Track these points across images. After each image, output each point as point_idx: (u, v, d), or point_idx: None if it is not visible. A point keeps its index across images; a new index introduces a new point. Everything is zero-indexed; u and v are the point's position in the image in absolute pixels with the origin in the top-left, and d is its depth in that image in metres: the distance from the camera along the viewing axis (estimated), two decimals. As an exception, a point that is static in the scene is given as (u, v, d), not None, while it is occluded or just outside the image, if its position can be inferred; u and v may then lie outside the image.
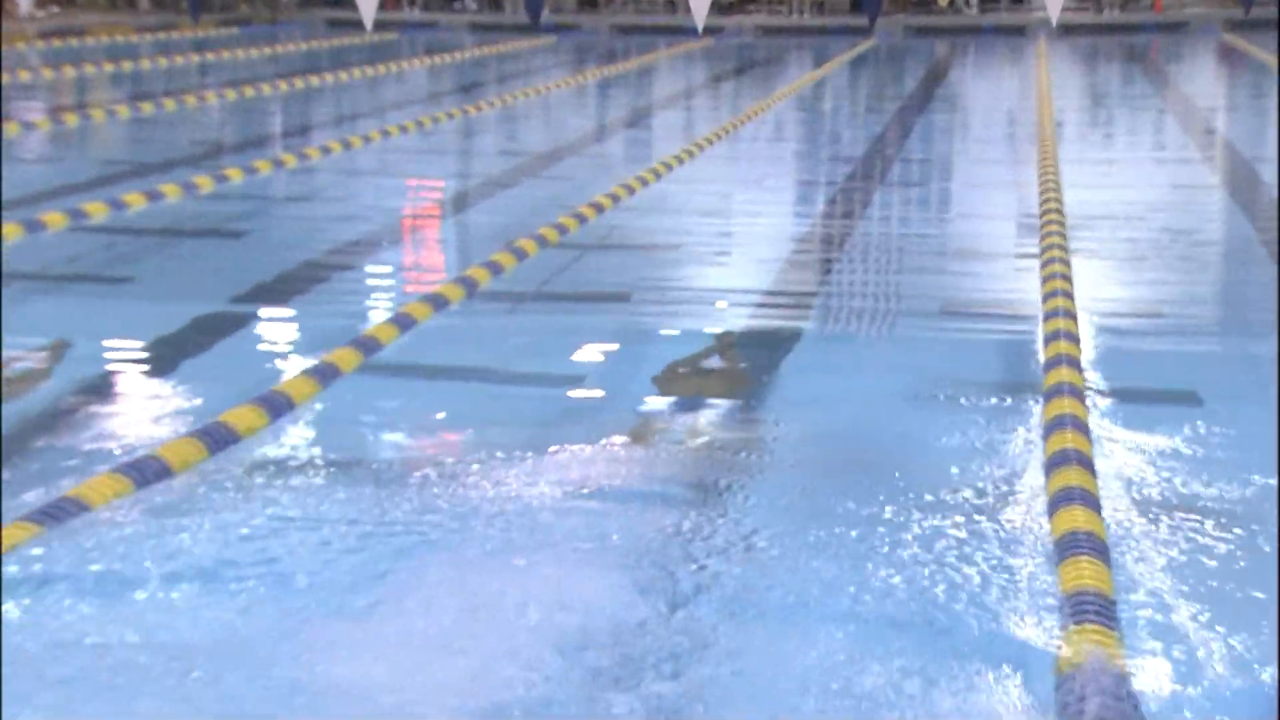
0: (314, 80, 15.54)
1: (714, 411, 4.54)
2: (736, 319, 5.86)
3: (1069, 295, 6.00)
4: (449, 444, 4.12)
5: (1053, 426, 4.19)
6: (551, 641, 2.86)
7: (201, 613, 3.02)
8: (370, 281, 6.71)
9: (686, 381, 4.84)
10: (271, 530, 3.47)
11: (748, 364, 5.10)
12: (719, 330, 5.61)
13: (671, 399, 4.66)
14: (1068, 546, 3.35)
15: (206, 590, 3.13)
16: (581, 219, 8.02)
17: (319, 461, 3.97)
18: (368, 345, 5.19)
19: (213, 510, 3.57)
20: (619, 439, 4.22)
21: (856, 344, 5.54)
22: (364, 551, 3.38)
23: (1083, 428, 4.17)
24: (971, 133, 13.10)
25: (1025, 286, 6.41)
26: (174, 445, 3.96)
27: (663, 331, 5.64)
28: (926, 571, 3.28)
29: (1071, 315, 5.64)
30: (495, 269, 6.63)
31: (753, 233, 8.17)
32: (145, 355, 5.13)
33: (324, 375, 4.76)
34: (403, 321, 5.58)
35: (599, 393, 4.75)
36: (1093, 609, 2.95)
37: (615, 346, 5.46)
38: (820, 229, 8.42)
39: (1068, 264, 6.67)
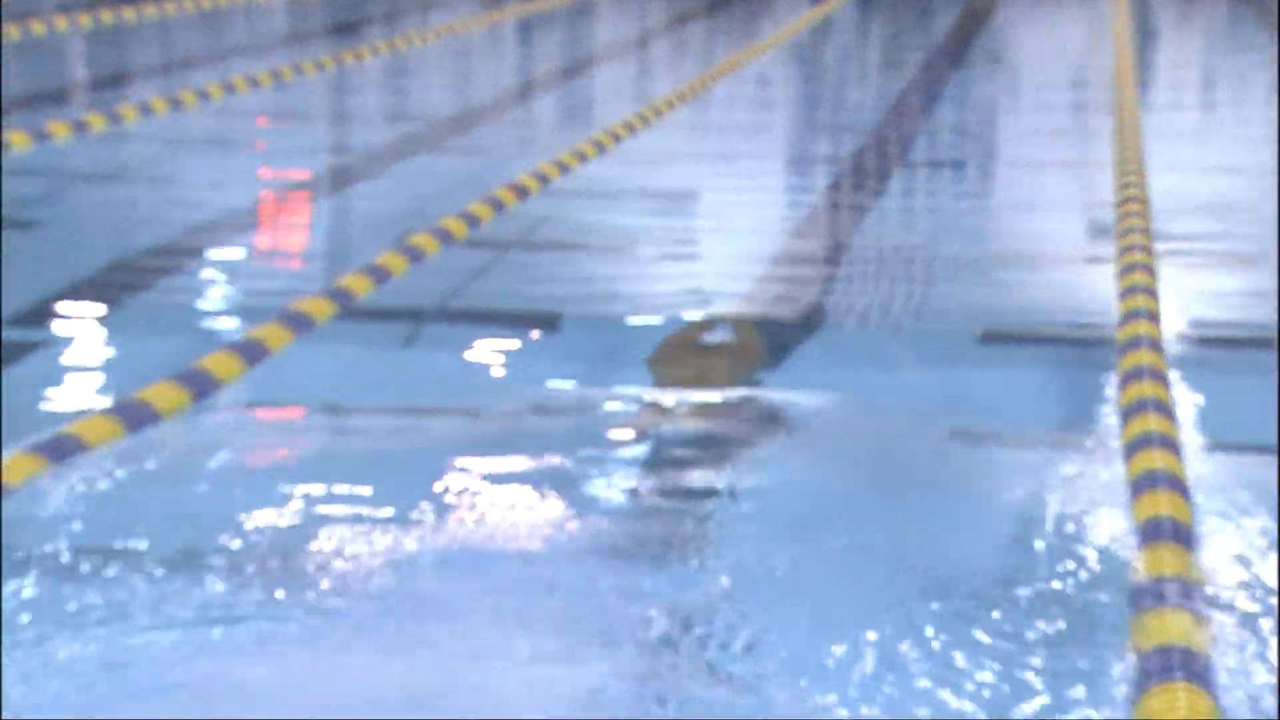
0: (128, 14, 15.46)
1: (676, 468, 4.53)
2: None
3: (1154, 317, 6.01)
4: (299, 518, 4.09)
5: (1141, 487, 4.21)
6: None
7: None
8: (206, 294, 6.67)
9: (638, 428, 4.84)
10: (35, 615, 3.45)
11: (721, 405, 5.10)
12: (684, 360, 5.58)
13: (617, 451, 4.66)
14: (1162, 668, 3.29)
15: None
16: (499, 207, 8.04)
17: (111, 530, 3.94)
18: (199, 381, 5.13)
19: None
20: (549, 503, 4.24)
21: (867, 379, 5.54)
22: (167, 647, 3.35)
23: (1181, 489, 4.19)
24: (1024, 95, 13.21)
25: (1096, 304, 6.44)
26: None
27: (607, 360, 5.62)
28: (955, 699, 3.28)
29: (1158, 345, 5.65)
30: (380, 276, 6.62)
31: (729, 228, 8.19)
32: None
33: (133, 417, 4.71)
34: (248, 350, 5.53)
35: (519, 447, 4.72)
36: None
37: (543, 382, 5.45)
38: (820, 224, 8.45)
39: (1153, 273, 6.70)
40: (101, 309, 6.18)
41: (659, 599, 3.62)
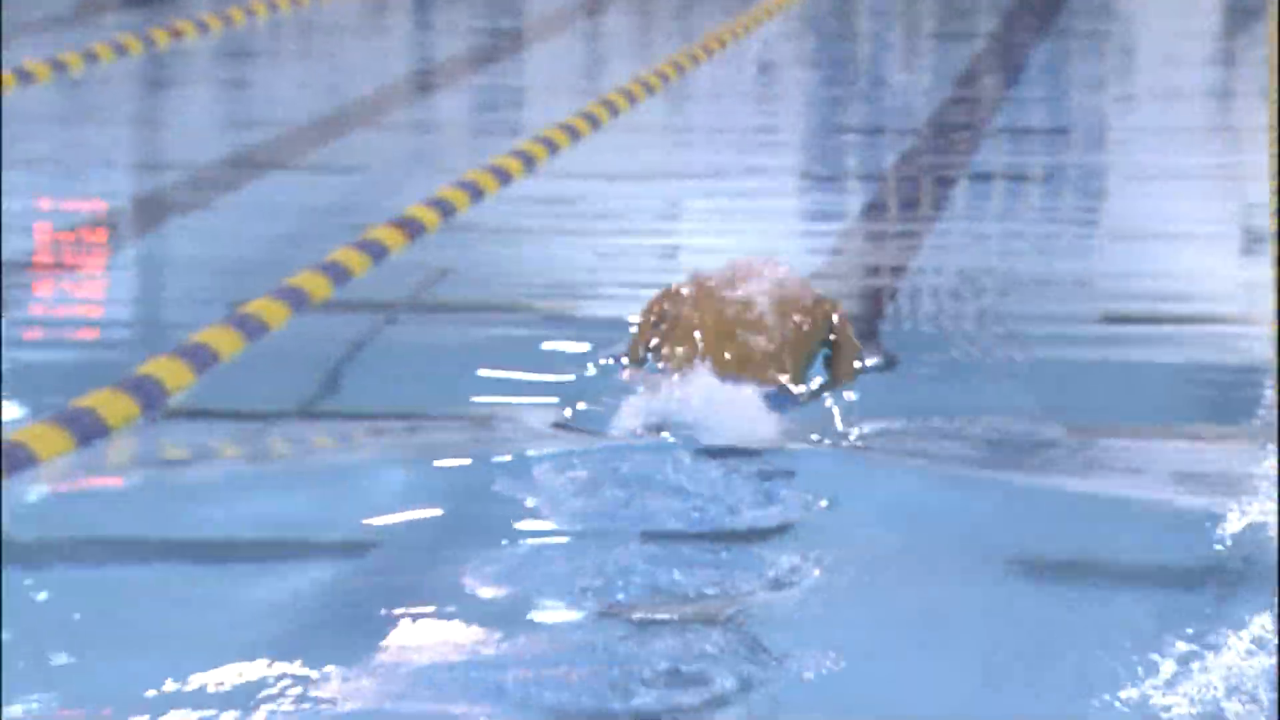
0: None
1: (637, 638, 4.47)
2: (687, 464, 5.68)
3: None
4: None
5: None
6: None
7: None
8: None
9: (571, 572, 4.83)
10: None
11: (703, 557, 5.00)
12: (650, 489, 5.47)
13: (538, 606, 4.69)
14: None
15: None
16: (378, 252, 8.05)
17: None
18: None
19: None
20: (475, 649, 4.30)
21: (911, 496, 5.49)
22: None
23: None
24: (1141, 75, 13.33)
25: (1249, 379, 6.45)
26: None
27: (531, 484, 5.51)
28: None
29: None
30: (201, 360, 6.59)
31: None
32: None
33: None
34: (16, 457, 5.51)
35: (401, 600, 4.68)
36: None
37: (438, 510, 5.40)
38: (850, 268, 8.44)
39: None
40: None
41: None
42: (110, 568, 4.99)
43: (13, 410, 6.08)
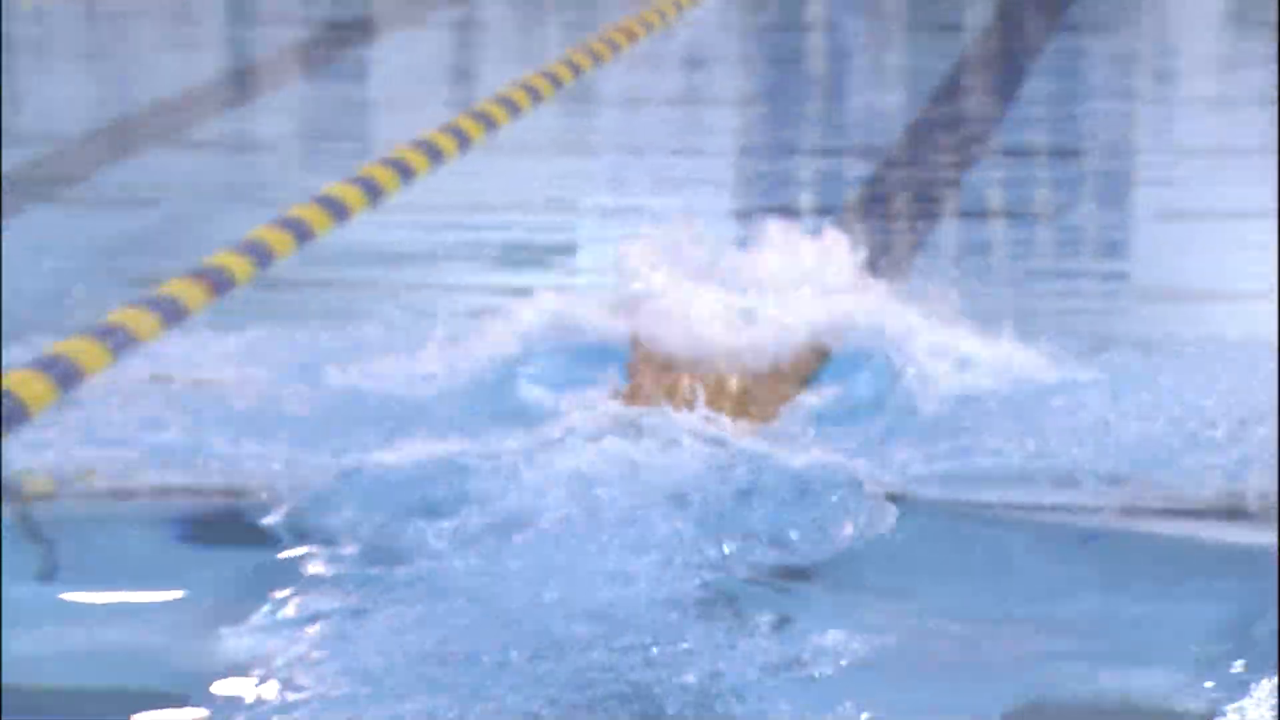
0: None
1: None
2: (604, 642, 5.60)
3: None
4: None
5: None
6: None
7: None
8: None
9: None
10: None
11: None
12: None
13: None
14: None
15: None
16: (174, 312, 8.05)
17: None
18: None
19: None
20: None
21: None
22: None
23: None
24: (1183, 80, 13.57)
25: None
26: None
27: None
28: None
29: None
30: None
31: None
32: None
33: None
34: None
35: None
36: None
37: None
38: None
39: None
40: None
41: None
42: None
43: None
